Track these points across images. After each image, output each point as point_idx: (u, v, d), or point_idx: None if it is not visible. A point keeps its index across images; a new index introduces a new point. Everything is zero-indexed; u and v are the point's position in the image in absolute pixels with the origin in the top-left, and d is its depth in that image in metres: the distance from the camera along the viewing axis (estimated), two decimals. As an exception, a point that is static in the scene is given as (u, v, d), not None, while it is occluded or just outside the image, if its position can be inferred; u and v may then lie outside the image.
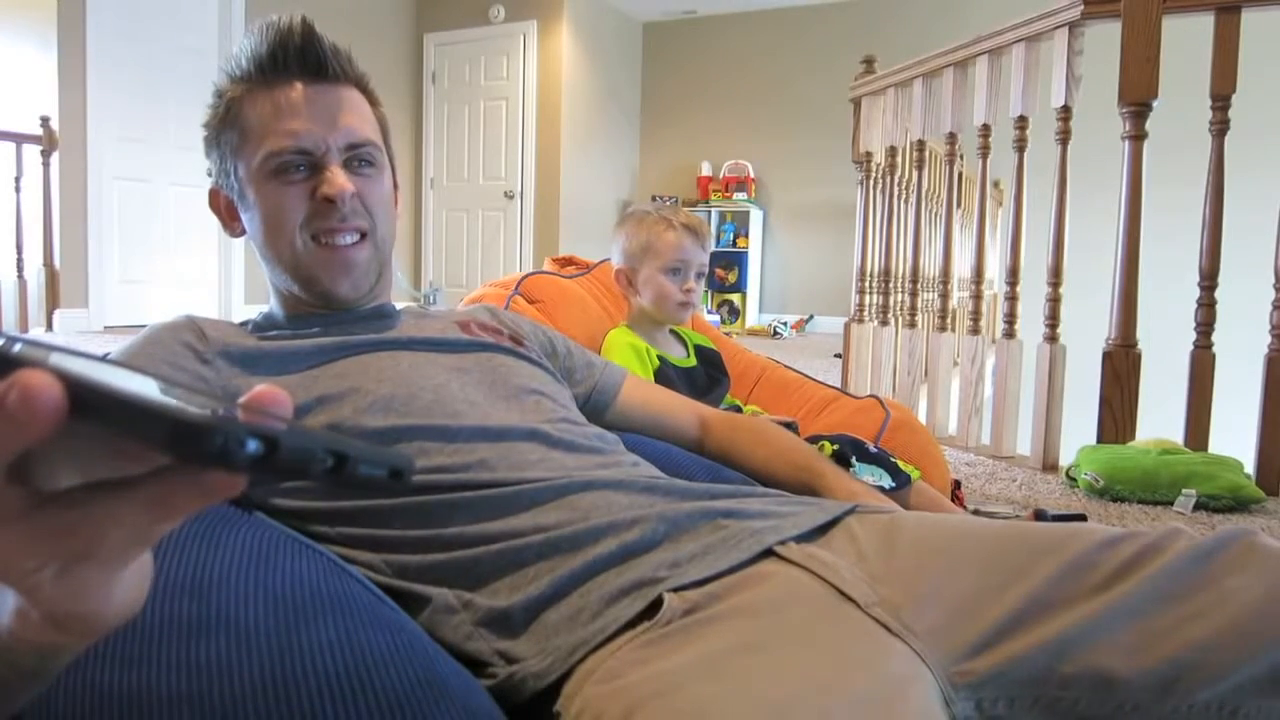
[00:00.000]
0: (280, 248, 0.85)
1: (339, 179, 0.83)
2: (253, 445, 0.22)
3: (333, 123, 0.84)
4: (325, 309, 0.90)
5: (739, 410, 1.47)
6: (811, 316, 6.38)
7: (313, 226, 0.84)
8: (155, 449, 0.23)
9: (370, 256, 0.88)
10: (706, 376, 1.42)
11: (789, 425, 1.42)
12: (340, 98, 0.86)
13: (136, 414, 0.22)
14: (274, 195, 0.83)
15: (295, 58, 0.83)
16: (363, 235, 0.87)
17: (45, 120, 4.10)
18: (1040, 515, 1.45)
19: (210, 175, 0.91)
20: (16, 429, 0.23)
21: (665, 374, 1.34)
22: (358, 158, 0.86)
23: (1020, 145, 2.35)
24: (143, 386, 0.24)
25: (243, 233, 0.91)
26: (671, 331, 1.47)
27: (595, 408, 1.05)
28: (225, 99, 0.86)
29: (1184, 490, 1.78)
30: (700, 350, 1.46)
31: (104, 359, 0.27)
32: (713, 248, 1.42)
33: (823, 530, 0.76)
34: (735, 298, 6.37)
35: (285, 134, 0.82)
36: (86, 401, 0.23)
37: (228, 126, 0.86)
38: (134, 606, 0.30)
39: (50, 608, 0.27)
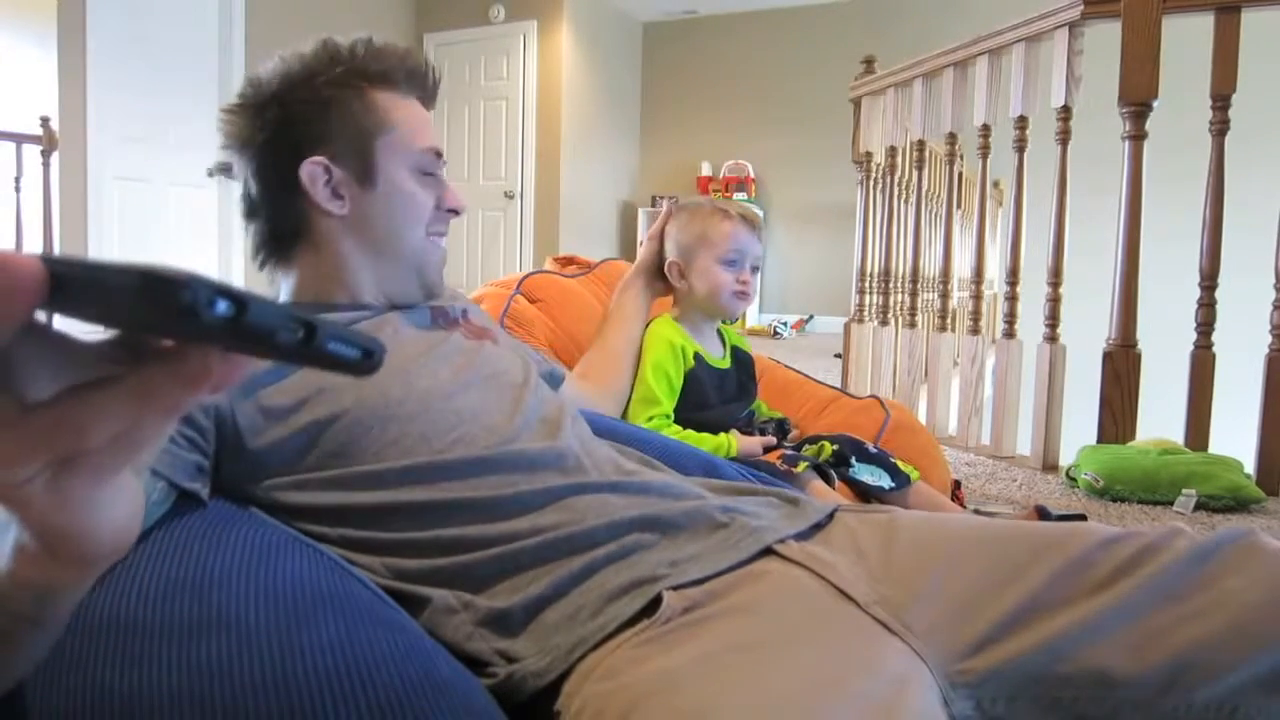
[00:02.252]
0: (407, 236, 0.90)
1: (461, 194, 0.94)
2: (222, 305, 0.22)
3: (438, 138, 0.94)
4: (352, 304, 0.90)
5: (750, 415, 1.45)
6: (811, 316, 6.37)
7: (432, 228, 0.92)
8: (131, 311, 0.24)
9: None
10: (737, 384, 1.39)
11: (782, 423, 1.42)
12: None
13: (112, 277, 0.23)
14: (419, 191, 0.90)
15: (425, 83, 0.93)
16: None
17: (45, 120, 4.09)
18: (1042, 512, 1.45)
19: (292, 149, 0.85)
20: (3, 305, 0.23)
21: (697, 375, 1.31)
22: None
23: (1020, 145, 2.35)
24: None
25: (338, 209, 0.87)
26: (716, 330, 1.44)
27: None
28: (363, 76, 0.87)
29: (1184, 490, 1.78)
30: (736, 353, 1.43)
31: None
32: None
33: (820, 528, 0.76)
34: (735, 298, 6.37)
35: (430, 140, 0.91)
36: (65, 275, 0.24)
37: (367, 108, 0.87)
38: (122, 538, 0.31)
39: (42, 521, 0.28)
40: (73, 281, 0.24)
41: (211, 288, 0.22)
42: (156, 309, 0.23)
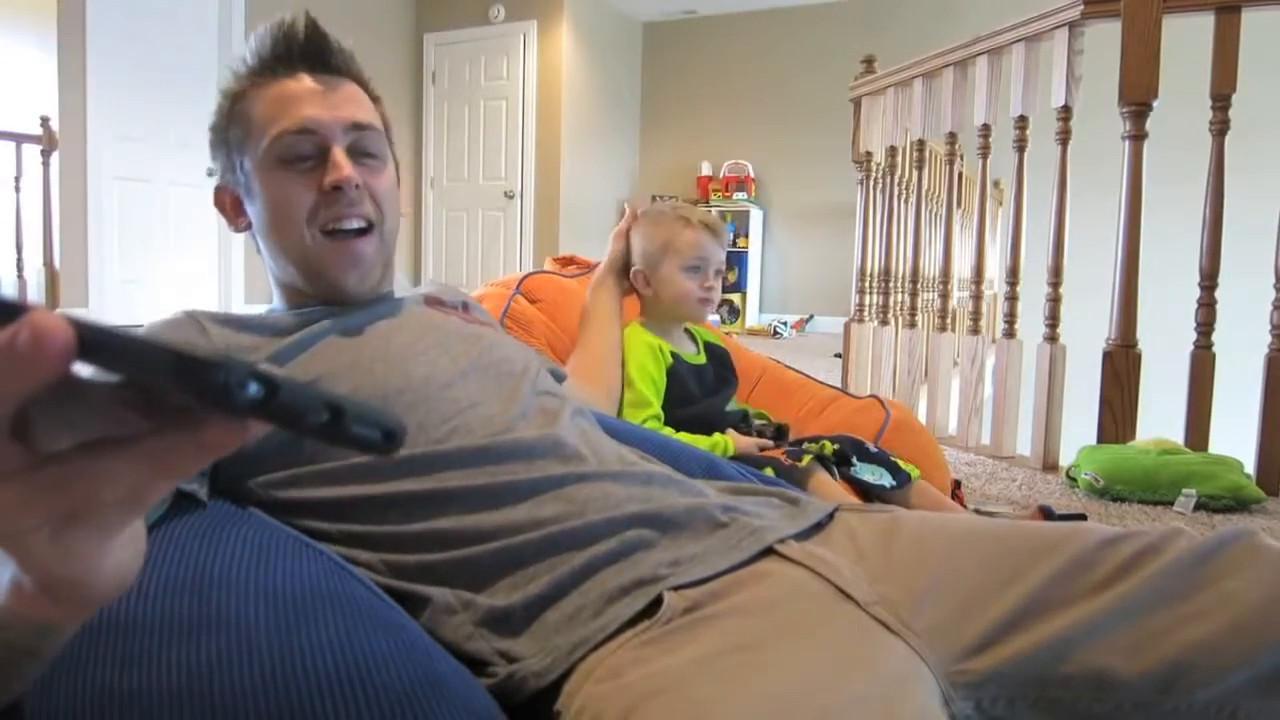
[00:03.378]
0: (288, 240, 0.85)
1: (345, 166, 0.82)
2: (254, 387, 0.23)
3: (336, 107, 0.84)
4: (328, 301, 0.89)
5: (746, 415, 1.45)
6: (811, 316, 6.37)
7: (320, 219, 0.83)
8: (160, 386, 0.24)
9: (377, 249, 0.88)
10: (716, 376, 1.41)
11: (780, 429, 1.42)
12: (344, 88, 0.87)
13: (144, 353, 0.23)
14: (281, 185, 0.83)
15: (300, 51, 0.85)
16: (369, 226, 0.86)
17: (45, 120, 4.10)
18: (1046, 512, 1.45)
19: (214, 174, 0.92)
20: (27, 368, 0.23)
21: (678, 371, 1.33)
22: (361, 146, 0.86)
23: (1020, 145, 2.35)
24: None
25: (247, 227, 0.90)
26: (685, 330, 1.46)
27: None
28: (231, 96, 0.86)
29: (1184, 490, 1.78)
30: (710, 348, 1.45)
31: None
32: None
33: (821, 528, 0.76)
34: (735, 297, 6.37)
35: (291, 117, 0.82)
36: (95, 343, 0.23)
37: (234, 122, 0.86)
38: (124, 580, 0.30)
39: (43, 570, 0.28)
40: (102, 349, 0.24)
41: (244, 370, 0.23)
42: (188, 387, 0.23)
